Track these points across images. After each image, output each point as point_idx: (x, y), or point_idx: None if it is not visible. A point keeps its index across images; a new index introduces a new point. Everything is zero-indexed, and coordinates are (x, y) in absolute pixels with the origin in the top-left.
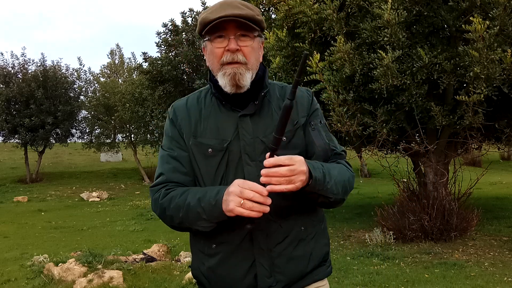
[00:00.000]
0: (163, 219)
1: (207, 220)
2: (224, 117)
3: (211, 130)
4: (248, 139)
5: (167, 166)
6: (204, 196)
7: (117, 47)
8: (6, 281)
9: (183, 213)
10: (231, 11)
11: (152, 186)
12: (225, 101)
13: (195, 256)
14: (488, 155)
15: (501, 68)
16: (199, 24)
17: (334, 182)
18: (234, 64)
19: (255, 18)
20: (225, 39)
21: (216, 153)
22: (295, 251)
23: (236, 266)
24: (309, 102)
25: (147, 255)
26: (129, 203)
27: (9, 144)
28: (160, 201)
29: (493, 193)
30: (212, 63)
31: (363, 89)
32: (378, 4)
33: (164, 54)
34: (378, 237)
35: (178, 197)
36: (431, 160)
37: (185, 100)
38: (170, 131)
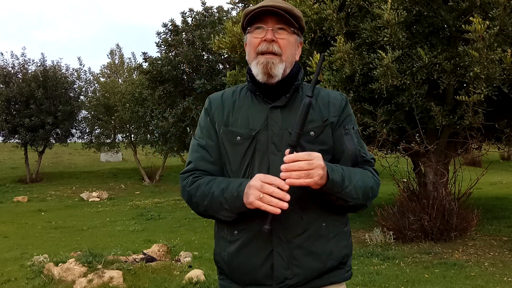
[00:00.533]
0: (190, 205)
1: (228, 210)
2: (255, 108)
3: (242, 120)
4: (277, 130)
5: (196, 155)
6: (228, 187)
7: (117, 47)
8: (6, 281)
9: (208, 201)
10: (273, 4)
11: (181, 173)
12: (258, 91)
13: (218, 242)
14: (488, 155)
15: (501, 68)
16: (242, 17)
17: (354, 187)
18: (268, 54)
19: (294, 12)
20: (263, 31)
21: (244, 141)
22: (314, 246)
23: (255, 254)
24: (342, 105)
25: (147, 255)
26: (129, 203)
27: (9, 144)
28: (188, 188)
29: (493, 193)
30: (248, 52)
31: (363, 89)
32: (378, 4)
33: (164, 54)
34: (378, 237)
35: (204, 186)
36: (431, 160)
37: (221, 93)
38: (203, 121)
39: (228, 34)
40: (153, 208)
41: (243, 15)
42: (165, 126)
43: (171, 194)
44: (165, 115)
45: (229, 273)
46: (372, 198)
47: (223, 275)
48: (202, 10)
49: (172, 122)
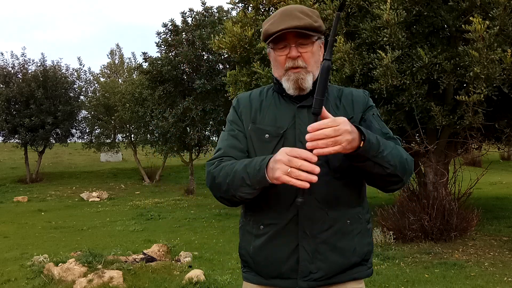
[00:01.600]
0: (213, 189)
1: (250, 186)
2: (283, 107)
3: (270, 119)
4: (304, 129)
5: (226, 142)
6: (251, 162)
7: (117, 47)
8: (6, 281)
9: (230, 179)
10: (289, 23)
11: (209, 160)
12: (285, 93)
13: (244, 237)
14: (488, 155)
15: (501, 68)
16: (263, 34)
17: (390, 153)
18: (295, 69)
19: (313, 26)
20: (287, 48)
21: (272, 138)
22: (339, 242)
23: (280, 248)
24: (365, 101)
25: (147, 255)
26: (129, 203)
27: (9, 144)
28: (212, 171)
29: (493, 193)
30: (276, 68)
31: (363, 89)
32: (377, 4)
33: (164, 54)
34: (378, 237)
35: (228, 166)
36: (431, 160)
37: (249, 93)
38: (232, 117)
39: (228, 34)
40: (153, 208)
41: (263, 34)
42: (165, 126)
43: (171, 194)
44: (165, 115)
45: (254, 266)
46: (409, 173)
47: (247, 267)
48: (202, 10)
49: (172, 122)
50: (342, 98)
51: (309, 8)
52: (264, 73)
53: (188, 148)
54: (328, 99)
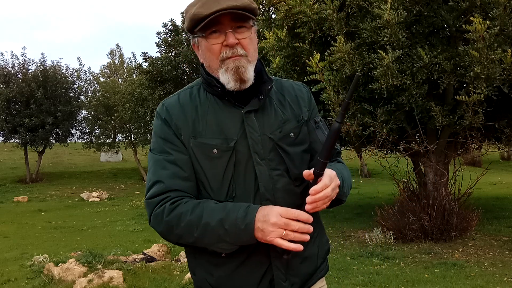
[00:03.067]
0: (167, 237)
1: (229, 243)
2: (225, 114)
3: (212, 129)
4: (256, 137)
5: (165, 172)
6: (227, 216)
7: (117, 47)
8: (6, 281)
9: (199, 233)
10: (226, 3)
11: (148, 198)
12: (228, 96)
13: (200, 267)
14: (488, 155)
15: (501, 68)
16: (190, 20)
17: (347, 185)
18: (234, 57)
19: (251, 7)
20: (221, 34)
21: (222, 153)
22: (307, 251)
23: (251, 273)
24: (309, 97)
25: (147, 255)
26: (129, 203)
27: (9, 144)
28: (166, 218)
29: (493, 193)
30: (209, 60)
31: (363, 89)
32: (378, 4)
33: (164, 54)
34: (378, 237)
35: (190, 214)
36: (431, 160)
37: (176, 97)
38: (163, 133)
39: None
40: None
41: (191, 20)
42: None
43: None
44: None
45: None
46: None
47: None
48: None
49: None
50: (285, 93)
51: None
52: None
53: None
54: (271, 97)
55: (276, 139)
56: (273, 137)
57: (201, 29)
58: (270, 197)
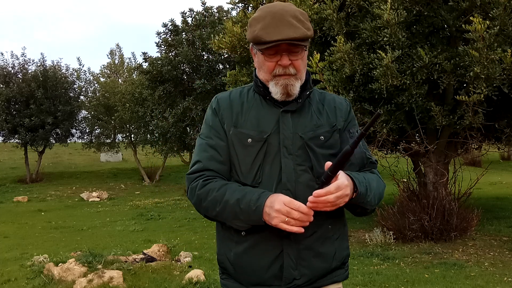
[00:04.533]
0: (198, 208)
1: (243, 221)
2: (265, 111)
3: (252, 122)
4: (288, 134)
5: (205, 154)
6: (243, 197)
7: (117, 47)
8: (6, 281)
9: (220, 208)
10: (286, 33)
11: (188, 174)
12: (269, 96)
13: (222, 243)
14: (488, 155)
15: (501, 68)
16: (252, 37)
17: (373, 194)
18: (285, 76)
19: (307, 35)
20: (277, 54)
21: (255, 143)
22: (322, 247)
23: (264, 255)
24: (347, 110)
25: (147, 255)
26: (129, 203)
27: (9, 144)
28: (198, 192)
29: (493, 193)
30: (263, 71)
31: (363, 89)
32: (378, 4)
33: (164, 54)
34: (378, 237)
35: (216, 191)
36: (431, 160)
37: (228, 93)
38: (211, 120)
39: (228, 34)
40: (153, 208)
41: (253, 38)
42: (165, 126)
43: (171, 194)
44: (165, 115)
45: (234, 273)
46: (380, 201)
47: (226, 274)
48: (202, 10)
49: (172, 122)
50: (325, 103)
51: (300, 11)
52: None
53: (188, 148)
54: (311, 104)
55: (307, 138)
56: (303, 136)
57: (259, 49)
58: (291, 188)
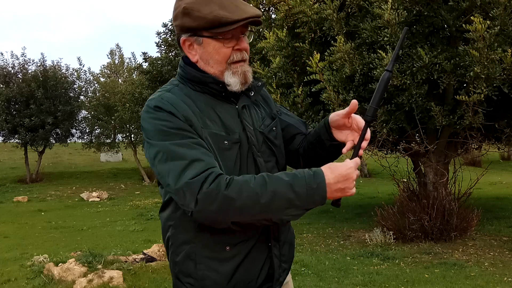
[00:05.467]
0: (222, 215)
1: (300, 207)
2: (223, 109)
3: (216, 122)
4: (251, 130)
5: (197, 151)
6: (295, 180)
7: (117, 47)
8: (6, 281)
9: (266, 200)
10: (250, 10)
11: (191, 178)
12: (225, 92)
13: (202, 266)
14: (488, 155)
15: (501, 68)
16: (208, 21)
17: None
18: (241, 62)
19: (261, 15)
20: (233, 39)
21: (231, 145)
22: (290, 236)
23: (254, 264)
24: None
25: (147, 255)
26: (129, 203)
27: (9, 144)
28: (225, 192)
29: (493, 193)
30: (214, 62)
31: (363, 89)
32: (378, 4)
33: (164, 54)
34: (378, 237)
35: (251, 183)
36: (431, 160)
37: (170, 94)
38: (173, 124)
39: None
40: (153, 208)
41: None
42: None
43: None
44: None
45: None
46: None
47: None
48: None
49: None
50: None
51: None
52: (264, 73)
53: None
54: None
55: (266, 132)
56: (263, 131)
57: (219, 32)
58: None
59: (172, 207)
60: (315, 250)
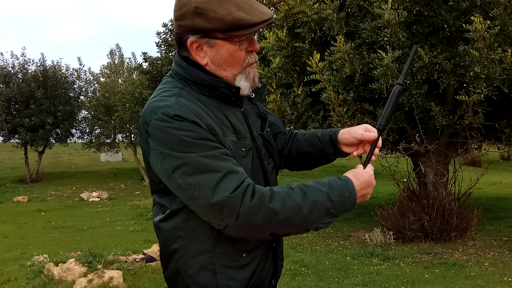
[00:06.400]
0: (264, 228)
1: (334, 214)
2: (232, 114)
3: (229, 129)
4: (257, 135)
5: (228, 164)
6: (330, 189)
7: (117, 47)
8: (6, 281)
9: (308, 210)
10: (266, 11)
11: (232, 192)
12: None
13: (221, 274)
14: (488, 155)
15: (501, 68)
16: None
17: None
18: (253, 64)
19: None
20: (246, 40)
21: (247, 152)
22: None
23: (265, 265)
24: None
25: (147, 255)
26: (129, 203)
27: (9, 144)
28: (271, 205)
29: (493, 193)
30: (231, 66)
31: (363, 89)
32: (378, 4)
33: (164, 54)
34: (378, 237)
35: (294, 194)
36: (431, 160)
37: (186, 101)
38: (197, 134)
39: None
40: None
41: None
42: None
43: None
44: None
45: None
46: None
47: None
48: None
49: None
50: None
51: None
52: (264, 73)
53: None
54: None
55: (265, 134)
56: (263, 133)
57: (238, 35)
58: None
59: (182, 217)
60: (315, 250)
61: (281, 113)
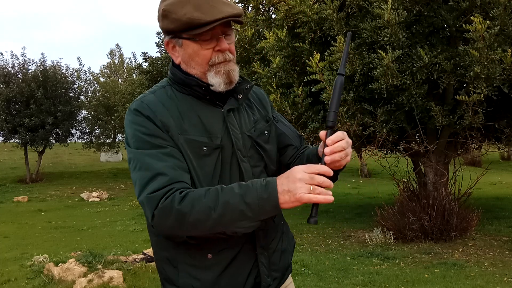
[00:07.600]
0: (177, 230)
1: (252, 218)
2: (207, 112)
3: (197, 127)
4: (237, 135)
5: (164, 164)
6: (247, 191)
7: (117, 47)
8: (6, 281)
9: (218, 214)
10: (227, 10)
11: (150, 193)
12: (209, 95)
13: (183, 274)
14: (488, 155)
15: (501, 68)
16: (183, 23)
17: None
18: (225, 62)
19: (242, 13)
20: (213, 39)
21: (211, 151)
22: (283, 244)
23: (239, 272)
24: (267, 98)
25: (147, 255)
26: (129, 203)
27: (9, 144)
28: (178, 207)
29: (493, 193)
30: (196, 63)
31: (363, 89)
32: (378, 4)
33: (164, 54)
34: (378, 237)
35: (204, 197)
36: (431, 160)
37: (153, 96)
38: (148, 129)
39: None
40: None
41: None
42: None
43: None
44: None
45: None
46: None
47: None
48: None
49: None
50: (249, 96)
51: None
52: (264, 73)
53: None
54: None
55: (255, 136)
56: (251, 135)
57: (196, 34)
58: None
59: None
60: (315, 250)
61: (281, 113)
